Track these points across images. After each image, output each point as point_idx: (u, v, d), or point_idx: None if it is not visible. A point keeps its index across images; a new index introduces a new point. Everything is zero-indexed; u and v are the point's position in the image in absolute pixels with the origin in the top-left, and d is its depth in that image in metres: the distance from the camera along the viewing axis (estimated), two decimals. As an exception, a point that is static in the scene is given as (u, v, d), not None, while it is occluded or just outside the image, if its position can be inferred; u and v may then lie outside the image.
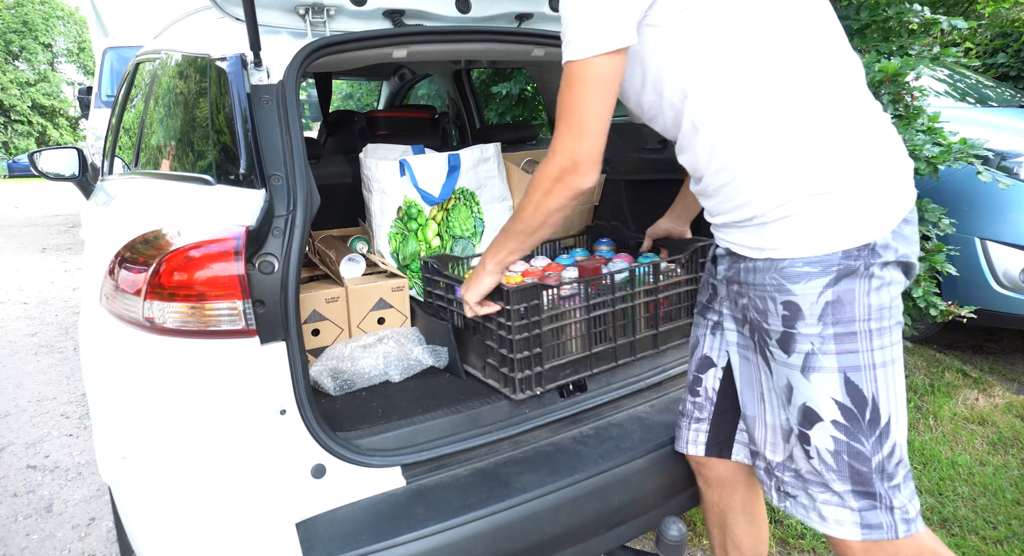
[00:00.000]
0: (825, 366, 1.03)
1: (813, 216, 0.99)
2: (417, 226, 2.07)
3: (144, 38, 3.23)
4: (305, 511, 1.19)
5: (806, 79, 1.00)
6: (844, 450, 1.04)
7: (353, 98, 8.40)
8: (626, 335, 1.61)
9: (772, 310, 1.06)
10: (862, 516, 1.06)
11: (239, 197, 1.20)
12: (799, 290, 1.01)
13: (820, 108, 1.00)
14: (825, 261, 0.99)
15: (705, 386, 1.31)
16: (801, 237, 1.00)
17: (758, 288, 1.07)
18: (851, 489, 1.06)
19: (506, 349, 1.42)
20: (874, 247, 0.99)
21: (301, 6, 1.48)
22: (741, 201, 1.05)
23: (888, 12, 2.49)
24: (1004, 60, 5.67)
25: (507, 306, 1.38)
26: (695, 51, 1.01)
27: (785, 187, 1.00)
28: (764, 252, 1.05)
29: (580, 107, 1.03)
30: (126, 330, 1.15)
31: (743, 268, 1.10)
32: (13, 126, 30.20)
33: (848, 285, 1.00)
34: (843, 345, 1.02)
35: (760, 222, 1.04)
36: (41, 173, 2.81)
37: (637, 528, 1.42)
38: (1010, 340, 3.41)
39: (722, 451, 1.32)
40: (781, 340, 1.06)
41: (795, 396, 1.08)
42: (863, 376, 1.02)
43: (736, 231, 1.10)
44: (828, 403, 1.04)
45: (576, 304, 1.52)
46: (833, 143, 0.99)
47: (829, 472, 1.07)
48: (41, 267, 6.72)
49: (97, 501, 2.27)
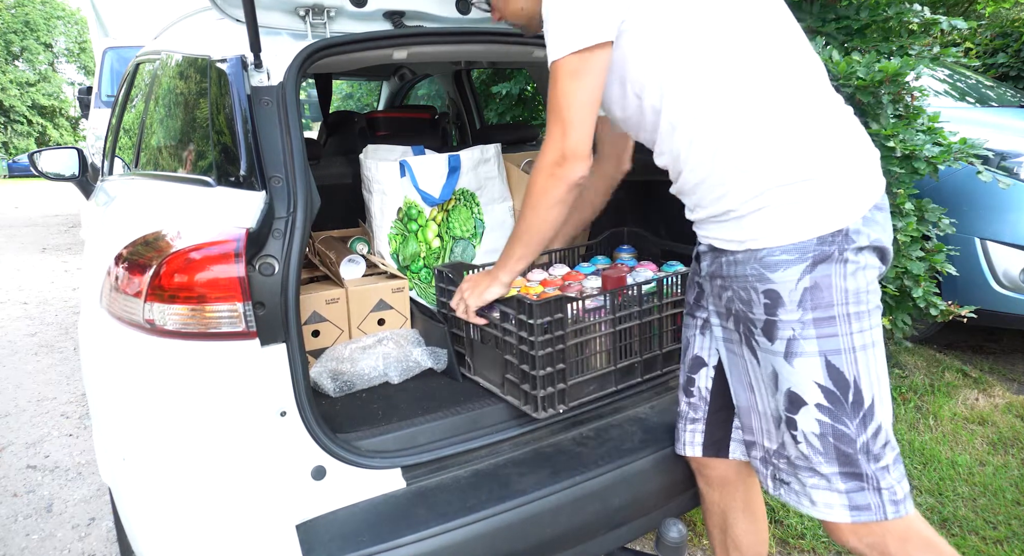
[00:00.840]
0: (806, 351, 1.06)
1: (787, 205, 1.04)
2: (417, 227, 2.07)
3: (144, 38, 3.23)
4: (305, 513, 1.19)
5: (773, 75, 1.06)
6: (829, 432, 1.07)
7: (353, 98, 8.39)
8: (651, 349, 1.56)
9: (755, 300, 1.09)
10: (850, 498, 1.08)
11: (239, 199, 1.20)
12: (778, 278, 1.05)
13: (788, 102, 1.06)
14: (801, 248, 1.03)
15: (698, 386, 1.32)
16: (777, 226, 1.05)
17: (740, 279, 1.11)
18: (838, 471, 1.08)
19: (528, 365, 1.36)
20: (847, 233, 1.03)
21: (301, 7, 1.48)
22: (718, 194, 1.09)
23: (888, 12, 2.48)
24: (1004, 60, 5.67)
25: (530, 320, 1.31)
26: (669, 51, 1.07)
27: (759, 178, 1.05)
28: (744, 244, 1.09)
29: (565, 100, 1.08)
30: (126, 332, 1.15)
31: (725, 261, 1.13)
32: (13, 126, 30.20)
33: (824, 270, 1.03)
34: (822, 329, 1.05)
35: (738, 215, 1.08)
36: (41, 173, 2.81)
37: (637, 529, 1.42)
38: (1010, 340, 3.41)
39: (719, 450, 1.32)
40: (764, 328, 1.09)
41: (780, 382, 1.11)
42: (843, 359, 1.05)
43: (716, 226, 1.14)
44: (811, 387, 1.07)
45: (601, 317, 1.46)
46: (802, 134, 1.05)
47: (816, 455, 1.09)
48: (41, 267, 6.72)
49: (97, 501, 2.27)
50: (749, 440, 1.27)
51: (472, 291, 1.38)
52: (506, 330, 1.40)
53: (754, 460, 1.27)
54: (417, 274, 2.09)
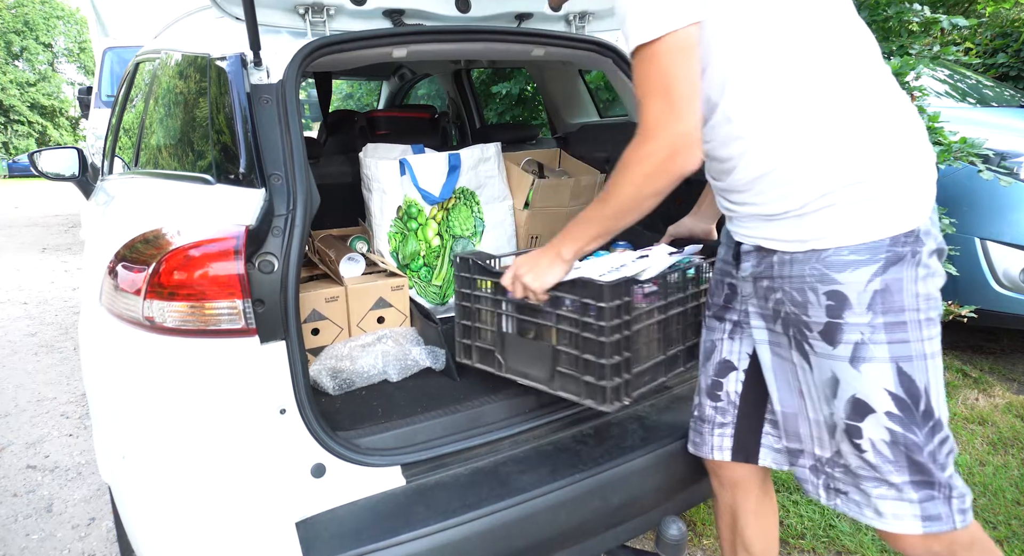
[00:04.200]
0: (876, 356, 1.01)
1: (860, 203, 0.98)
2: (417, 225, 2.07)
3: (144, 38, 3.23)
4: (305, 510, 1.19)
5: (844, 68, 1.00)
6: (901, 441, 1.02)
7: (353, 98, 8.40)
8: (688, 338, 1.50)
9: (814, 301, 1.03)
10: (922, 508, 1.04)
11: (239, 196, 1.20)
12: (845, 278, 1.00)
13: (860, 95, 1.00)
14: (873, 248, 0.98)
15: (727, 390, 1.28)
16: (847, 225, 0.99)
17: (794, 280, 1.05)
18: (909, 480, 1.03)
19: (593, 354, 1.26)
20: (918, 234, 0.98)
21: (301, 5, 1.48)
22: (780, 193, 1.03)
23: (888, 12, 2.49)
24: (1004, 60, 5.67)
25: (601, 303, 1.22)
26: (739, 41, 1.01)
27: (829, 175, 0.99)
28: (806, 243, 1.03)
29: (675, 80, 0.96)
30: (126, 329, 1.15)
31: (776, 261, 1.08)
32: (13, 126, 30.21)
33: (896, 273, 0.98)
34: (894, 334, 1.00)
35: (799, 213, 1.02)
36: (41, 173, 2.80)
37: (637, 527, 1.42)
38: (1010, 340, 3.41)
39: (748, 456, 1.29)
40: (825, 331, 1.04)
41: (842, 388, 1.05)
42: (915, 366, 1.01)
43: (767, 224, 1.08)
44: (881, 394, 1.02)
45: (655, 303, 1.39)
46: (876, 128, 1.00)
47: (886, 464, 1.04)
48: (41, 267, 6.72)
49: (97, 501, 2.27)
50: (794, 448, 1.21)
51: (532, 270, 1.23)
52: (561, 316, 1.28)
53: (801, 469, 1.21)
54: (417, 273, 2.09)
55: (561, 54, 1.91)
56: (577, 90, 2.81)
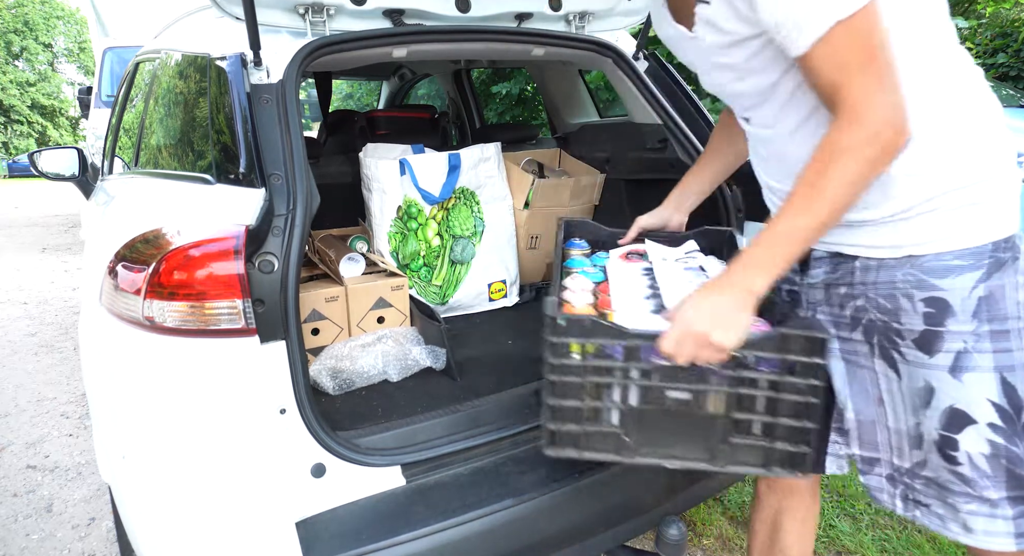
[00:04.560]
0: (980, 365, 0.96)
1: (964, 207, 0.94)
2: (417, 225, 2.07)
3: (144, 38, 3.22)
4: (305, 510, 1.19)
5: (955, 70, 0.97)
6: (1002, 454, 0.97)
7: (353, 98, 8.41)
8: None
9: (908, 308, 0.99)
10: (1016, 524, 0.98)
11: (239, 196, 1.20)
12: (949, 285, 0.95)
13: (966, 95, 0.97)
14: (977, 253, 0.94)
15: None
16: (951, 230, 0.95)
17: (883, 286, 1.01)
18: (1007, 496, 0.98)
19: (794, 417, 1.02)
20: (1015, 240, 0.95)
21: (301, 5, 1.48)
22: (873, 200, 0.97)
23: (888, 12, 2.49)
24: (1004, 60, 5.67)
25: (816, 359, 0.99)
26: None
27: (933, 181, 0.95)
28: (901, 249, 0.98)
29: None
30: (126, 329, 1.15)
31: (858, 267, 1.04)
32: (13, 126, 30.22)
33: (999, 280, 0.95)
34: (998, 343, 0.96)
35: (901, 218, 0.97)
36: (41, 173, 2.80)
37: (637, 527, 1.42)
38: None
39: (816, 466, 1.24)
40: (921, 340, 0.99)
41: (937, 398, 1.00)
42: (1018, 376, 0.96)
43: (852, 231, 1.03)
44: (983, 405, 0.97)
45: None
46: (979, 130, 0.96)
47: (983, 479, 0.98)
48: (41, 267, 6.72)
49: (97, 501, 2.27)
50: (868, 456, 1.15)
51: (718, 323, 0.95)
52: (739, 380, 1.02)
53: (876, 478, 1.14)
54: (417, 273, 2.09)
55: (561, 54, 1.91)
56: (577, 90, 2.81)
